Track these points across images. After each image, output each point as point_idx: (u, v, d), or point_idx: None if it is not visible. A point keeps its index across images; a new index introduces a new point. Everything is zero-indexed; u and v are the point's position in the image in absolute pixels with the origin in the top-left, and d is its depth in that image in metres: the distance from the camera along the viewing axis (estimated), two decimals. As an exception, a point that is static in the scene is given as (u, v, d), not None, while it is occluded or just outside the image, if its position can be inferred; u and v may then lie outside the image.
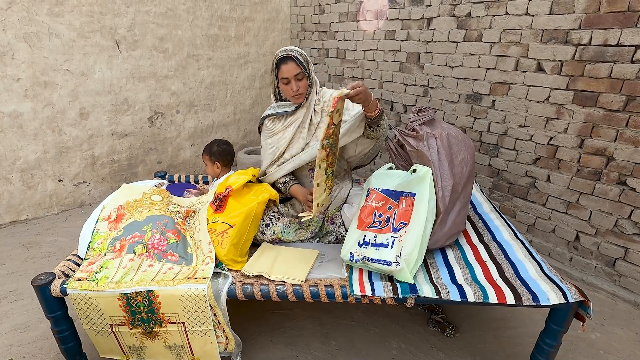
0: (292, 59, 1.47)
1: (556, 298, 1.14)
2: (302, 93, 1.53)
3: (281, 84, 1.53)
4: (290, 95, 1.53)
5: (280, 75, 1.50)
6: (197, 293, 1.21)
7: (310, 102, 1.58)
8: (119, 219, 1.39)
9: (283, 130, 1.60)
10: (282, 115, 1.59)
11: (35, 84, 2.37)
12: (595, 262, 1.97)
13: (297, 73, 1.48)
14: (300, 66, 1.48)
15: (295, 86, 1.49)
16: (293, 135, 1.58)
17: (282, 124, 1.60)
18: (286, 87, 1.51)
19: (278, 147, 1.60)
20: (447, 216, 1.43)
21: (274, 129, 1.62)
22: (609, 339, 1.63)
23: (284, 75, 1.48)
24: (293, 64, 1.47)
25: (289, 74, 1.48)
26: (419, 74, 2.60)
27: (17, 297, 1.84)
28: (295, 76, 1.48)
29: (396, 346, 1.57)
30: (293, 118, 1.58)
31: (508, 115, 2.16)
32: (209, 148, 1.83)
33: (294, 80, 1.49)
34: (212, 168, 1.83)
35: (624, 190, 1.80)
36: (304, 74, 1.50)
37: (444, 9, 2.33)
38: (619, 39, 1.68)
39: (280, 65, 1.48)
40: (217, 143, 1.83)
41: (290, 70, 1.47)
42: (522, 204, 2.21)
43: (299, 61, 1.48)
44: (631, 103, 1.70)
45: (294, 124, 1.58)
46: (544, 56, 1.94)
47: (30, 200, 2.54)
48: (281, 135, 1.60)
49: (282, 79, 1.50)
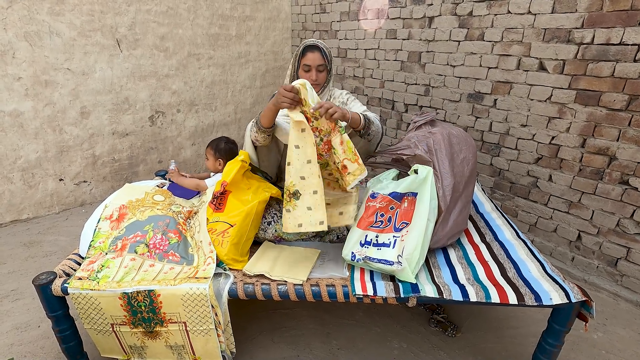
0: (319, 49, 1.53)
1: (559, 298, 1.14)
2: (319, 84, 1.57)
3: (302, 70, 1.56)
4: None
5: (303, 62, 1.54)
6: (199, 293, 1.20)
7: (324, 95, 1.62)
8: (121, 218, 1.38)
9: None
10: None
11: (36, 83, 2.37)
12: (597, 262, 1.96)
13: (320, 64, 1.54)
14: (324, 58, 1.54)
15: (315, 75, 1.54)
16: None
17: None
18: (306, 75, 1.55)
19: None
20: (449, 215, 1.42)
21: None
22: (611, 339, 1.63)
23: (308, 62, 1.53)
24: (319, 54, 1.53)
25: (313, 63, 1.53)
26: (420, 73, 2.60)
27: (18, 296, 1.84)
28: (317, 66, 1.54)
29: (397, 346, 1.56)
30: None
31: (510, 114, 2.15)
32: (216, 144, 1.82)
33: (315, 69, 1.54)
34: (214, 164, 1.82)
35: (626, 190, 1.79)
36: (325, 66, 1.56)
37: (446, 7, 2.33)
38: (622, 38, 1.67)
39: (307, 52, 1.53)
40: (225, 141, 1.83)
41: (315, 59, 1.52)
42: (524, 203, 2.21)
43: (324, 53, 1.54)
44: (634, 102, 1.69)
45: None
46: (546, 55, 1.93)
47: (31, 199, 2.54)
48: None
49: (305, 65, 1.54)
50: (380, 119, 2.16)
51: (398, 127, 2.88)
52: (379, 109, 2.98)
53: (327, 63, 1.56)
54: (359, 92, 3.12)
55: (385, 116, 2.95)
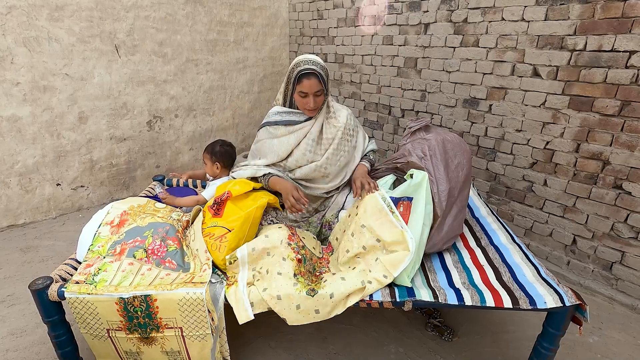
0: (315, 75, 1.44)
1: (553, 302, 1.15)
2: (317, 108, 1.51)
3: (297, 96, 1.50)
4: (304, 108, 1.53)
5: (299, 89, 1.47)
6: (195, 297, 1.21)
7: (321, 115, 1.58)
8: (122, 223, 1.39)
9: (287, 135, 1.57)
10: (289, 124, 1.57)
11: (35, 88, 2.38)
12: (592, 266, 1.98)
13: (318, 90, 1.46)
14: (321, 83, 1.46)
15: (312, 102, 1.48)
16: (298, 144, 1.56)
17: (286, 129, 1.58)
18: (302, 100, 1.49)
19: (279, 152, 1.57)
20: (444, 220, 1.44)
21: (276, 132, 1.59)
22: (606, 343, 1.64)
23: (304, 89, 1.46)
24: (316, 80, 1.45)
25: (310, 90, 1.46)
26: (416, 79, 2.62)
27: (14, 301, 1.83)
28: (315, 92, 1.46)
29: (394, 350, 1.57)
30: (299, 126, 1.57)
31: (505, 119, 2.18)
32: (212, 147, 1.81)
33: (312, 95, 1.47)
34: (212, 168, 1.82)
35: (620, 194, 1.81)
36: (322, 91, 1.48)
37: (441, 14, 2.36)
38: (614, 44, 1.70)
39: (303, 79, 1.45)
40: (221, 144, 1.82)
41: (312, 87, 1.45)
42: (520, 207, 2.22)
43: (321, 78, 1.46)
44: (626, 108, 1.72)
45: (300, 132, 1.56)
46: (539, 61, 1.96)
47: (28, 204, 2.53)
48: (284, 140, 1.57)
49: (301, 92, 1.48)
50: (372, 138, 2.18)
51: (395, 132, 2.90)
52: (376, 114, 3.00)
53: (324, 86, 1.48)
54: (355, 98, 3.15)
55: (382, 121, 2.97)
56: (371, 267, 1.28)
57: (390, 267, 1.24)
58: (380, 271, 1.24)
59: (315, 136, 1.56)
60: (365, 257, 1.34)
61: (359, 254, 1.34)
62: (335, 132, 1.58)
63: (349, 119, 1.64)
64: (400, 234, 1.29)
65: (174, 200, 1.70)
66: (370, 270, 1.26)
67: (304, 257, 1.39)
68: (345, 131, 1.61)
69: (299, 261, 1.34)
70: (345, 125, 1.61)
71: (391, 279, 1.22)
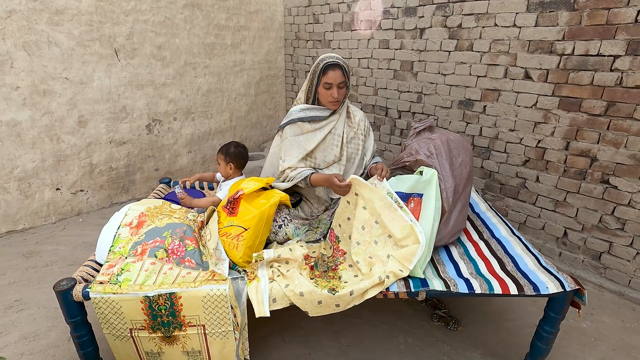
0: (340, 67, 1.55)
1: (554, 287, 1.24)
2: (339, 100, 1.60)
3: (322, 88, 1.58)
4: (328, 100, 1.60)
5: (324, 80, 1.56)
6: (219, 293, 1.25)
7: (343, 110, 1.66)
8: (140, 225, 1.42)
9: (313, 131, 1.64)
10: (314, 119, 1.64)
11: (34, 93, 2.36)
12: (582, 256, 2.10)
13: (341, 81, 1.56)
14: (345, 75, 1.57)
15: (336, 93, 1.56)
16: (324, 138, 1.63)
17: (311, 126, 1.64)
18: (327, 92, 1.58)
19: (305, 146, 1.63)
20: (450, 215, 1.52)
21: (302, 128, 1.64)
22: (598, 327, 1.75)
23: (329, 80, 1.55)
24: (340, 72, 1.55)
25: (334, 81, 1.55)
26: (412, 81, 2.72)
27: (23, 306, 1.82)
28: (338, 84, 1.56)
29: (403, 341, 1.64)
30: (325, 122, 1.64)
31: (498, 120, 2.29)
32: (227, 148, 1.85)
33: (336, 87, 1.56)
34: (225, 168, 1.86)
35: (607, 189, 1.94)
36: (345, 83, 1.58)
37: (436, 20, 2.46)
38: (599, 49, 1.83)
39: (328, 70, 1.54)
40: (235, 145, 1.86)
41: (337, 77, 1.55)
42: (514, 203, 2.34)
43: (345, 71, 1.56)
44: (611, 108, 1.85)
45: (326, 127, 1.64)
46: (531, 65, 2.08)
47: (28, 209, 2.51)
48: (311, 135, 1.63)
49: (326, 83, 1.56)
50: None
51: (392, 132, 2.99)
52: (373, 116, 3.09)
53: (346, 79, 1.58)
54: (353, 100, 3.23)
55: (379, 122, 3.06)
56: (386, 264, 1.35)
57: (404, 261, 1.31)
58: (397, 265, 1.32)
59: (341, 131, 1.64)
60: (377, 253, 1.41)
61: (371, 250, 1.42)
62: (354, 131, 1.67)
63: (364, 120, 1.74)
64: (409, 228, 1.37)
65: (192, 202, 1.74)
66: (386, 265, 1.34)
67: (316, 262, 1.45)
68: (360, 131, 1.70)
69: (312, 268, 1.41)
70: (360, 126, 1.71)
71: (407, 272, 1.30)
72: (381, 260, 1.39)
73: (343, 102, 1.64)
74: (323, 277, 1.39)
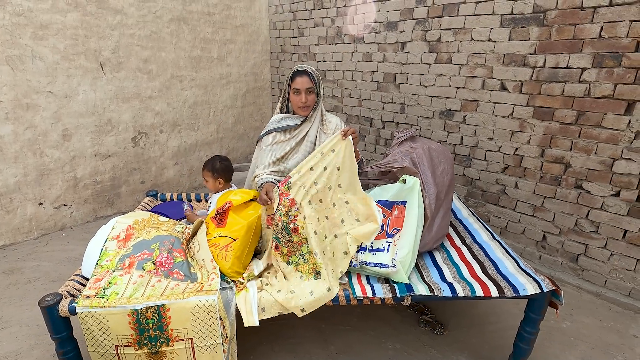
0: (307, 74, 1.67)
1: (532, 289, 1.30)
2: (309, 106, 1.69)
3: (292, 94, 1.70)
4: (297, 106, 1.70)
5: (293, 86, 1.67)
6: (208, 304, 1.26)
7: (315, 118, 1.73)
8: (128, 237, 1.42)
9: (286, 141, 1.73)
10: (287, 129, 1.73)
11: (17, 107, 2.34)
12: (561, 259, 2.19)
13: (309, 87, 1.66)
14: (312, 82, 1.67)
15: (304, 98, 1.67)
16: (294, 146, 1.72)
17: (286, 136, 1.74)
18: (296, 98, 1.68)
19: (276, 153, 1.72)
20: (433, 221, 1.58)
21: (277, 138, 1.75)
22: (577, 327, 1.82)
23: (297, 86, 1.66)
24: (307, 78, 1.66)
25: (302, 86, 1.65)
26: (395, 93, 2.81)
27: (4, 324, 1.78)
28: (306, 89, 1.66)
29: (392, 347, 1.67)
30: (297, 131, 1.73)
31: (478, 129, 2.38)
32: (212, 164, 1.87)
33: (304, 92, 1.66)
34: (214, 184, 1.87)
35: (581, 193, 2.04)
36: (314, 89, 1.68)
37: (416, 34, 2.57)
38: (568, 62, 1.94)
39: (296, 77, 1.67)
40: (220, 160, 1.88)
41: (304, 83, 1.65)
42: (495, 209, 2.42)
43: (312, 77, 1.67)
44: (581, 117, 1.95)
45: (298, 135, 1.73)
46: (506, 77, 2.19)
47: (9, 225, 2.45)
48: (283, 145, 1.73)
49: (294, 89, 1.67)
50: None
51: (376, 142, 3.06)
52: (358, 126, 3.16)
53: (315, 86, 1.68)
54: (338, 111, 3.30)
55: (364, 132, 3.13)
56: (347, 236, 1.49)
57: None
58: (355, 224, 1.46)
59: (314, 139, 1.72)
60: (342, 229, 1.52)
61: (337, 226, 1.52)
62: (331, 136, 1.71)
63: (339, 124, 1.82)
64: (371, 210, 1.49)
65: (194, 218, 1.80)
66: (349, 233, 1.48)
67: (276, 237, 1.46)
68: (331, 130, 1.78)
69: (277, 248, 1.46)
70: (335, 130, 1.77)
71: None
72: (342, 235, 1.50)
73: (315, 109, 1.73)
74: (295, 254, 1.43)
